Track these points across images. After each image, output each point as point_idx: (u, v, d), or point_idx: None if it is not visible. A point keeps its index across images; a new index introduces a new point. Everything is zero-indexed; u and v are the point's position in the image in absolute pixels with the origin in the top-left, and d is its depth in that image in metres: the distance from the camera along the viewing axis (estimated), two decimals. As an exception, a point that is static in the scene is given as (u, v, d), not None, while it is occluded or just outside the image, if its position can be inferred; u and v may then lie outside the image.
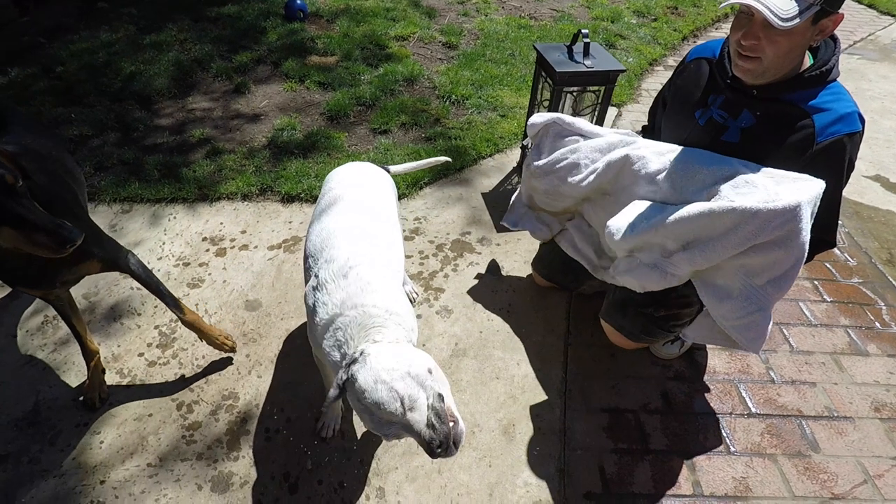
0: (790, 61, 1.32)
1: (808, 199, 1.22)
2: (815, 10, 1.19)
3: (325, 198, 1.62)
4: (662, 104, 1.78)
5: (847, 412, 1.83)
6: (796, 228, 1.22)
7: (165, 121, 3.19)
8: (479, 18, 4.66)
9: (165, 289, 1.74)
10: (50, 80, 3.48)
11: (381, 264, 1.39)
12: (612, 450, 1.69)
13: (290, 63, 3.74)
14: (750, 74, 1.35)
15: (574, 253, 1.87)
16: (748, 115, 1.43)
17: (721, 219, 1.27)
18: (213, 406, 1.78)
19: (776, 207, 1.19)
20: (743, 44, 1.29)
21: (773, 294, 1.33)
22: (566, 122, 1.79)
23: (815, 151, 1.34)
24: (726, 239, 1.28)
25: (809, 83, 1.35)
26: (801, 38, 1.26)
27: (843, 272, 2.41)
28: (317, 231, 1.48)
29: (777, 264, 1.29)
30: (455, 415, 1.10)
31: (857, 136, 1.34)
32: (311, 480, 1.60)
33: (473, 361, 1.94)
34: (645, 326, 1.68)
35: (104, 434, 1.69)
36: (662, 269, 1.44)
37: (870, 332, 2.12)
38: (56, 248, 1.21)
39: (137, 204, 2.61)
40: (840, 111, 1.33)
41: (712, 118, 1.50)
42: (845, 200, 2.81)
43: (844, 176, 1.39)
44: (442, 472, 1.62)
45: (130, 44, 3.90)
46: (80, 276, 1.61)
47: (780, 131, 1.38)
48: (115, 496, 1.54)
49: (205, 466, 1.62)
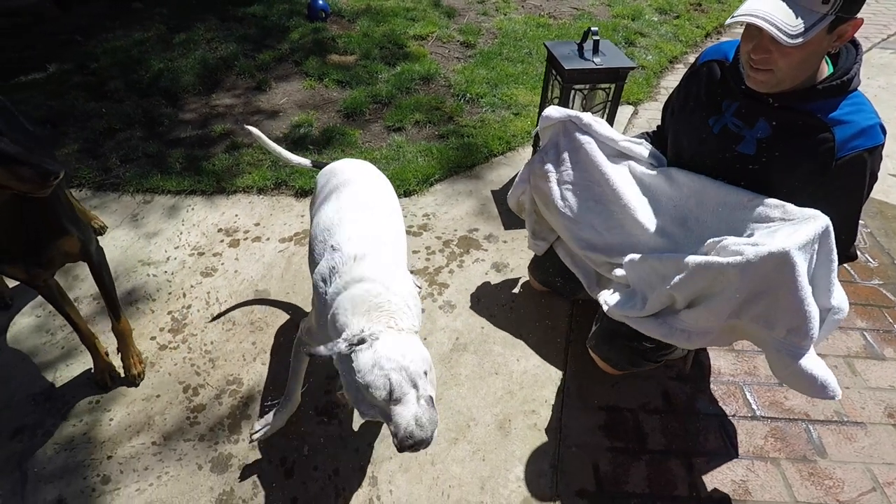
0: (806, 70, 1.25)
1: (799, 243, 1.15)
2: (830, 20, 1.11)
3: (333, 181, 1.66)
4: (672, 109, 1.68)
5: (858, 417, 1.76)
6: (791, 275, 1.15)
7: (189, 116, 3.30)
8: (498, 18, 4.66)
9: (115, 293, 1.82)
10: (84, 75, 3.64)
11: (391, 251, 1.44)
12: (607, 448, 1.68)
13: (310, 61, 3.82)
14: (763, 86, 1.28)
15: (571, 265, 1.80)
16: (764, 124, 1.35)
17: (716, 273, 1.22)
18: (217, 390, 1.84)
19: (762, 254, 1.14)
20: (753, 57, 1.23)
21: (800, 341, 1.22)
22: (583, 122, 1.67)
23: (836, 168, 1.27)
24: (726, 293, 1.23)
25: (829, 93, 1.27)
26: (817, 47, 1.18)
27: (863, 273, 2.33)
28: (329, 212, 1.53)
29: (787, 311, 1.20)
30: (435, 419, 1.12)
31: (878, 150, 1.28)
32: (306, 466, 1.63)
33: (473, 356, 1.95)
34: (632, 358, 1.64)
35: (114, 412, 1.77)
36: (671, 325, 1.36)
37: (888, 335, 2.04)
38: (41, 182, 1.27)
39: (159, 195, 2.70)
40: (861, 124, 1.25)
41: (727, 126, 1.42)
42: (869, 200, 2.72)
43: (865, 191, 1.32)
44: (435, 463, 1.64)
45: (161, 42, 4.04)
46: (62, 254, 1.64)
47: (798, 144, 1.30)
48: (119, 471, 1.61)
49: (206, 447, 1.67)
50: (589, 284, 1.73)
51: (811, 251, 1.18)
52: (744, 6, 1.17)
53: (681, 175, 1.49)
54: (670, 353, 1.61)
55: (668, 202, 1.51)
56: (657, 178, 1.53)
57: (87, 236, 1.71)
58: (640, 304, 1.41)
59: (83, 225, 1.71)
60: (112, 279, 1.81)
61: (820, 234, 1.19)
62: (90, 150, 2.95)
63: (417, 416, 1.09)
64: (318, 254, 1.45)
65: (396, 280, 1.35)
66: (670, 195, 1.50)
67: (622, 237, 1.51)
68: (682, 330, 1.34)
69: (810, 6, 1.12)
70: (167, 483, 1.58)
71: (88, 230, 1.73)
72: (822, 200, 1.33)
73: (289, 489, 1.58)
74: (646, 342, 1.54)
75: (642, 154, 1.65)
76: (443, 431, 1.72)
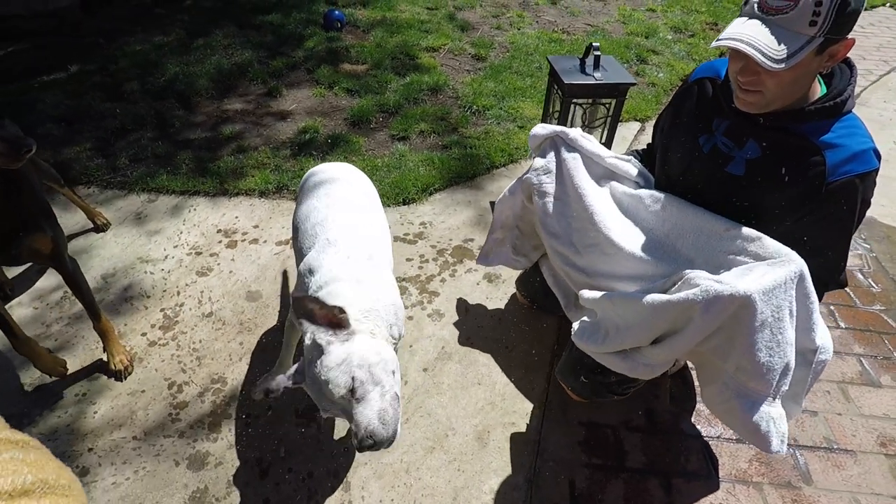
0: (796, 91, 1.22)
1: (765, 288, 1.12)
2: (819, 42, 1.08)
3: (315, 178, 1.69)
4: (662, 127, 1.65)
5: (848, 445, 1.71)
6: (749, 318, 1.12)
7: (200, 119, 3.38)
8: (512, 32, 4.69)
9: (93, 297, 1.84)
10: (103, 76, 3.76)
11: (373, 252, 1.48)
12: (585, 464, 1.65)
13: (322, 70, 3.89)
14: (753, 108, 1.25)
15: (552, 284, 1.78)
16: (754, 145, 1.32)
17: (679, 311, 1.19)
18: (201, 388, 1.86)
19: (726, 294, 1.11)
20: (741, 79, 1.21)
21: (747, 381, 1.20)
22: (569, 137, 1.66)
23: (826, 192, 1.23)
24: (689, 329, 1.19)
25: (821, 115, 1.23)
26: (806, 68, 1.14)
27: (865, 298, 2.27)
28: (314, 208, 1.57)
29: (739, 350, 1.17)
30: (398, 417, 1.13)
31: (871, 176, 1.24)
32: (282, 467, 1.64)
33: (458, 365, 1.94)
34: (596, 390, 1.62)
35: (99, 405, 1.80)
36: (634, 360, 1.34)
37: (886, 362, 1.99)
38: (14, 154, 1.34)
39: (164, 195, 2.76)
40: (854, 148, 1.22)
41: (716, 146, 1.39)
42: (876, 223, 2.66)
43: (856, 217, 1.27)
44: (409, 471, 1.63)
45: (180, 47, 4.16)
46: (31, 251, 1.66)
47: (788, 167, 1.27)
48: (98, 463, 1.63)
49: (185, 444, 1.69)
50: (566, 305, 1.71)
51: (785, 296, 1.14)
52: (728, 29, 1.15)
53: (661, 199, 1.45)
54: (636, 386, 1.58)
55: (645, 226, 1.47)
56: (637, 200, 1.50)
57: (61, 240, 1.73)
58: (601, 339, 1.38)
59: (59, 230, 1.73)
60: (89, 287, 1.84)
61: (794, 279, 1.15)
62: (101, 148, 3.03)
63: (382, 411, 1.09)
64: (306, 248, 1.49)
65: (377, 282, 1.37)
66: (648, 219, 1.47)
67: (598, 258, 1.49)
68: (646, 364, 1.32)
69: (797, 30, 1.09)
70: (143, 478, 1.60)
71: (62, 236, 1.75)
72: (812, 225, 1.30)
73: (262, 490, 1.58)
74: (611, 376, 1.50)
75: (629, 172, 1.63)
76: (420, 440, 1.71)
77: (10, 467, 0.49)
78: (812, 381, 1.28)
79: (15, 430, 0.55)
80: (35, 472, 0.50)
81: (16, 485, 0.47)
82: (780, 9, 1.09)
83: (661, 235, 1.42)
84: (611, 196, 1.57)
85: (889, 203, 2.83)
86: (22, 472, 0.49)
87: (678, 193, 1.48)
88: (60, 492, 0.51)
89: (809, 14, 1.06)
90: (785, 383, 1.18)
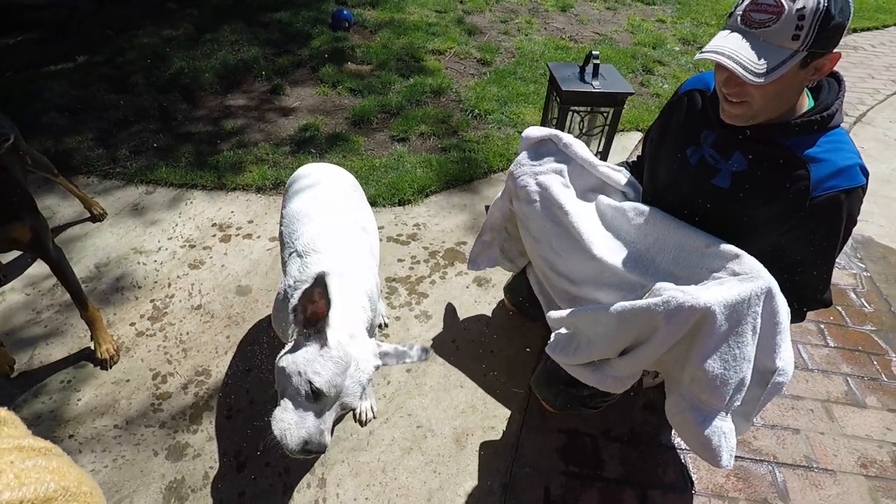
0: (782, 103, 1.21)
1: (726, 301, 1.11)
2: (802, 55, 1.08)
3: (303, 181, 1.70)
4: (651, 138, 1.64)
5: (829, 464, 1.70)
6: (707, 330, 1.11)
7: (203, 113, 3.41)
8: (519, 38, 4.70)
9: (80, 285, 1.86)
10: (109, 68, 3.80)
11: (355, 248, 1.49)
12: (562, 472, 1.65)
13: (327, 69, 3.91)
14: (738, 119, 1.25)
15: (537, 291, 1.77)
16: (740, 157, 1.31)
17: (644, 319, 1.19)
18: (185, 380, 1.87)
19: (687, 304, 1.10)
20: (725, 91, 1.21)
21: (699, 392, 1.19)
22: (563, 142, 1.65)
23: (810, 207, 1.22)
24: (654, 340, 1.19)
25: (807, 129, 1.23)
26: (791, 80, 1.14)
27: (856, 318, 2.25)
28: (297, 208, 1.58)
29: (694, 361, 1.16)
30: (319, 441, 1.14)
31: (857, 192, 1.22)
32: (259, 462, 1.64)
33: (441, 368, 1.95)
34: (569, 402, 1.61)
35: (83, 392, 1.81)
36: (604, 372, 1.34)
37: (873, 382, 1.97)
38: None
39: (162, 187, 2.79)
40: (839, 164, 1.20)
41: (704, 158, 1.38)
42: (873, 243, 2.65)
43: (841, 234, 1.26)
44: (386, 471, 1.63)
45: (187, 41, 4.20)
46: (8, 240, 1.68)
47: (772, 180, 1.26)
48: (78, 450, 1.65)
49: (165, 435, 1.70)
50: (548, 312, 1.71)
51: (749, 312, 1.13)
52: (711, 42, 1.15)
53: (645, 213, 1.45)
54: (609, 400, 1.58)
55: (627, 239, 1.46)
56: (621, 213, 1.49)
57: (41, 228, 1.75)
58: (572, 351, 1.38)
59: (39, 216, 1.75)
60: (75, 275, 1.86)
61: (760, 295, 1.14)
62: (103, 139, 3.07)
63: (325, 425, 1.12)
64: (288, 244, 1.51)
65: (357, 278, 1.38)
66: (630, 232, 1.46)
67: (580, 264, 1.49)
68: (615, 377, 1.31)
69: (779, 43, 1.09)
70: (121, 466, 1.61)
71: (43, 222, 1.76)
72: (795, 241, 1.29)
73: (238, 483, 1.59)
74: (584, 389, 1.49)
75: (619, 181, 1.63)
76: (398, 440, 1.71)
77: (34, 475, 0.49)
78: (765, 401, 1.26)
79: (37, 437, 0.55)
80: (57, 480, 0.50)
81: (38, 493, 0.48)
82: (763, 22, 1.09)
83: (641, 249, 1.41)
84: (595, 207, 1.57)
85: (888, 223, 2.81)
86: (45, 481, 0.49)
87: (665, 205, 1.48)
88: (82, 499, 0.52)
89: (792, 28, 1.06)
90: (738, 399, 1.17)
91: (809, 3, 1.05)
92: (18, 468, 0.49)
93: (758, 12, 1.10)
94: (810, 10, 1.05)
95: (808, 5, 1.05)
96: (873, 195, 3.08)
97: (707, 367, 1.12)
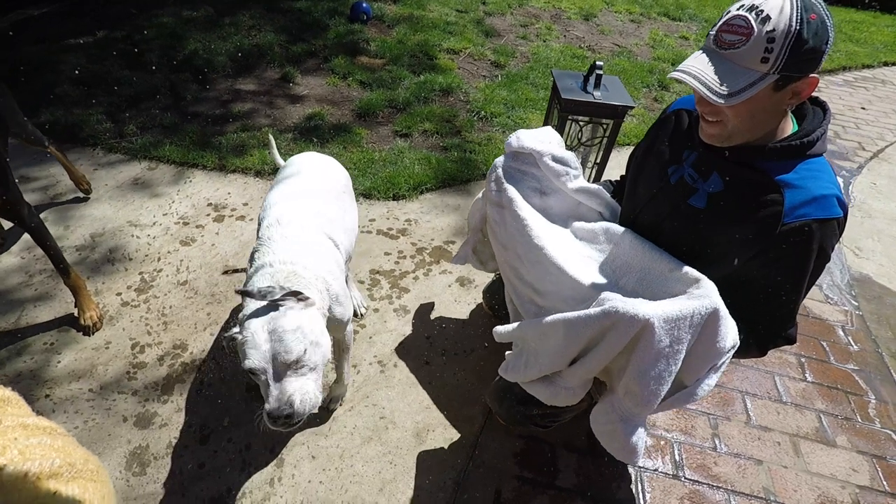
0: (757, 126, 1.20)
1: (667, 315, 1.10)
2: (774, 78, 1.08)
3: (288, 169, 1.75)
4: (636, 156, 1.63)
5: (787, 499, 1.69)
6: (646, 342, 1.11)
7: (212, 94, 3.47)
8: (537, 43, 4.70)
9: (61, 253, 1.90)
10: (126, 45, 3.88)
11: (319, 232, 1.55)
12: (516, 476, 1.66)
13: (339, 60, 3.95)
14: (715, 139, 1.24)
15: (507, 301, 1.76)
16: (717, 178, 1.31)
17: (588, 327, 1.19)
18: (162, 352, 1.92)
19: (629, 313, 1.10)
20: (700, 109, 1.21)
21: (632, 406, 1.19)
22: (541, 159, 1.61)
23: (780, 234, 1.20)
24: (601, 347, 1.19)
25: (786, 153, 1.21)
26: (764, 102, 1.14)
27: (840, 356, 2.22)
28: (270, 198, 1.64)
29: (631, 374, 1.16)
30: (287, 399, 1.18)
31: (830, 224, 1.19)
32: (222, 437, 1.69)
33: (413, 362, 1.97)
34: (518, 420, 1.61)
35: (64, 355, 1.87)
36: (556, 384, 1.34)
37: (846, 422, 1.95)
38: None
39: (164, 164, 2.85)
40: (814, 192, 1.18)
41: (683, 178, 1.38)
42: (870, 282, 2.61)
43: (810, 265, 1.23)
44: (343, 457, 1.66)
45: (206, 23, 4.27)
46: None
47: (747, 203, 1.25)
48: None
49: (135, 403, 1.75)
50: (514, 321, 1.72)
51: (689, 330, 1.12)
52: (684, 62, 1.16)
53: (616, 235, 1.45)
54: (559, 420, 1.58)
55: (593, 256, 1.47)
56: (592, 235, 1.50)
57: (15, 198, 1.79)
58: (522, 367, 1.38)
59: (11, 184, 1.79)
60: (55, 242, 1.91)
61: (704, 314, 1.13)
62: (112, 113, 3.14)
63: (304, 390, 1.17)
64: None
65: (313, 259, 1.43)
66: (594, 255, 1.47)
67: (543, 274, 1.50)
68: (566, 388, 1.32)
69: (746, 65, 1.09)
70: (91, 429, 1.67)
71: (16, 192, 1.81)
72: (762, 268, 1.28)
73: (200, 454, 1.63)
74: (534, 408, 1.50)
75: (594, 199, 1.63)
76: (360, 428, 1.74)
77: (39, 451, 0.50)
78: (669, 406, 1.25)
79: (41, 417, 0.56)
80: (63, 457, 0.51)
81: (43, 468, 0.48)
82: (733, 44, 1.09)
83: (608, 270, 1.42)
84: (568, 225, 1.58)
85: (889, 263, 2.76)
86: (50, 457, 0.50)
87: (641, 223, 1.48)
88: (88, 476, 0.52)
89: (761, 51, 1.06)
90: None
91: (780, 26, 1.05)
92: (23, 444, 0.49)
93: (729, 33, 1.11)
94: (780, 33, 1.05)
95: (778, 28, 1.05)
96: (878, 233, 3.03)
97: (643, 382, 1.13)
